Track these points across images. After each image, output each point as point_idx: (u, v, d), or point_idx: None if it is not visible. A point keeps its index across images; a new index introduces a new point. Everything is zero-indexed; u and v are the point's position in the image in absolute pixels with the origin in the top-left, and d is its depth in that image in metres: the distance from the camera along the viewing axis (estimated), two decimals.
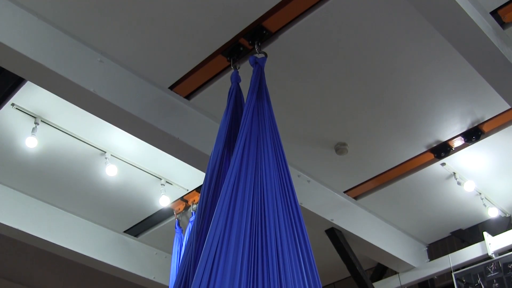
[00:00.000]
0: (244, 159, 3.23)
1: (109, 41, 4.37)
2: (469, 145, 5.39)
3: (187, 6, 4.08)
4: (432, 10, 3.73)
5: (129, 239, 6.69)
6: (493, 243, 6.08)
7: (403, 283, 6.74)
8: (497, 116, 5.13)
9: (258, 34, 4.22)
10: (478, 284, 6.00)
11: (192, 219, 5.88)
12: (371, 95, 4.88)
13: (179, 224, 6.18)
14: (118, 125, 4.67)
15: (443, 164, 5.63)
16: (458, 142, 5.37)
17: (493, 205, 6.21)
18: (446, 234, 6.79)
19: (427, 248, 6.95)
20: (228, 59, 4.39)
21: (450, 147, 5.41)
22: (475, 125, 5.20)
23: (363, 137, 5.31)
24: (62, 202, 6.10)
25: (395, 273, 6.86)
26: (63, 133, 5.25)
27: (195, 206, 6.08)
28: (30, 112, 5.03)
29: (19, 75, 4.33)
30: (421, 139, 5.35)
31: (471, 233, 6.56)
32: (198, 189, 5.97)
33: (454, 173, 5.75)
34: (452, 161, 5.62)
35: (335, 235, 5.90)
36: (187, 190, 6.08)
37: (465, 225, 6.61)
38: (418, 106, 4.98)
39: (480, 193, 6.06)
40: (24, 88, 4.74)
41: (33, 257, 7.51)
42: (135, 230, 6.63)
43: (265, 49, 4.20)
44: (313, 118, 5.11)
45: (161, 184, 5.92)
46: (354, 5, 4.10)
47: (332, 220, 5.80)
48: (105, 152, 5.50)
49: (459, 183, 5.78)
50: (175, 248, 5.96)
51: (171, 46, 4.40)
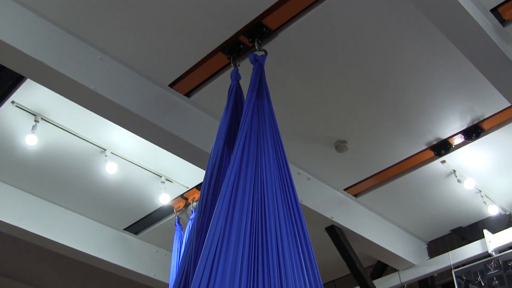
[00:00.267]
0: (244, 156, 3.23)
1: (109, 39, 4.37)
2: (469, 142, 5.39)
3: (187, 4, 4.08)
4: (433, 8, 3.73)
5: (129, 236, 6.69)
6: (493, 241, 6.08)
7: (403, 280, 6.75)
8: (497, 113, 5.13)
9: (258, 32, 4.21)
10: (478, 281, 6.00)
11: (192, 216, 5.88)
12: (371, 93, 4.88)
13: (179, 222, 6.18)
14: (118, 123, 4.67)
15: (443, 161, 5.63)
16: (458, 139, 5.37)
17: (493, 202, 6.21)
18: (446, 231, 6.79)
19: (427, 246, 6.95)
20: (228, 56, 4.38)
21: (450, 145, 5.41)
22: (475, 122, 5.20)
23: (363, 134, 5.31)
24: (62, 199, 6.10)
25: (395, 270, 6.86)
26: (63, 130, 5.25)
27: (195, 203, 6.08)
28: (30, 110, 5.03)
29: (19, 73, 4.33)
30: (421, 136, 5.35)
31: (471, 231, 6.56)
32: (198, 187, 5.97)
33: (454, 170, 5.75)
34: (452, 158, 5.62)
35: (335, 232, 5.90)
36: (187, 187, 6.08)
37: (465, 223, 6.62)
38: (418, 104, 4.98)
39: (480, 191, 6.06)
40: (24, 86, 4.74)
41: (33, 255, 7.51)
42: (135, 228, 6.63)
43: (265, 47, 4.20)
44: (313, 116, 5.11)
45: (161, 182, 5.92)
46: (354, 3, 4.10)
47: (332, 217, 5.80)
48: (105, 149, 5.50)
49: (459, 180, 5.78)
50: (175, 245, 5.96)
51: (171, 43, 4.40)
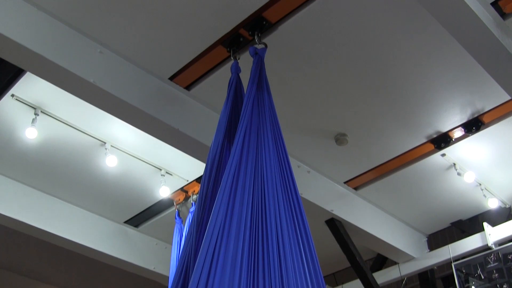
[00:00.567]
0: (244, 149, 3.23)
1: (109, 32, 4.36)
2: (469, 136, 5.39)
3: None
4: (433, 1, 3.72)
5: (129, 229, 6.69)
6: (493, 234, 6.09)
7: (403, 273, 6.76)
8: (497, 107, 5.12)
9: (258, 25, 4.21)
10: (478, 274, 6.01)
11: (192, 209, 5.88)
12: (371, 86, 4.87)
13: (179, 215, 6.18)
14: (118, 116, 4.66)
15: (443, 155, 5.63)
16: (458, 133, 5.37)
17: (493, 195, 6.22)
18: (446, 224, 6.80)
19: (427, 239, 6.96)
20: (228, 49, 4.38)
21: (450, 138, 5.41)
22: (475, 116, 5.20)
23: (363, 127, 5.31)
24: (62, 193, 6.10)
25: (395, 263, 6.87)
26: (63, 124, 5.25)
27: (195, 196, 6.09)
28: (30, 103, 5.03)
29: (18, 66, 4.32)
30: (421, 129, 5.35)
31: (471, 224, 6.56)
32: (198, 180, 5.97)
33: (454, 164, 5.75)
34: (452, 151, 5.62)
35: (335, 225, 5.90)
36: (187, 180, 6.08)
37: (465, 216, 6.62)
38: (418, 97, 4.98)
39: (480, 184, 6.07)
40: (23, 79, 4.73)
41: (34, 248, 7.52)
42: (135, 221, 6.64)
43: (265, 40, 4.20)
44: (313, 109, 5.10)
45: (161, 175, 5.92)
46: None
47: (332, 210, 5.80)
48: (105, 142, 5.50)
49: (459, 174, 5.78)
50: (175, 238, 5.96)
51: (170, 36, 4.39)
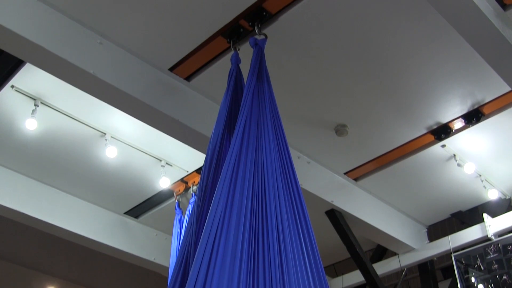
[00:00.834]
0: (244, 140, 3.22)
1: (109, 23, 4.35)
2: (469, 127, 5.38)
3: None
4: None
5: (129, 220, 6.70)
6: (492, 225, 6.09)
7: (403, 264, 6.77)
8: (497, 98, 5.11)
9: (258, 16, 4.20)
10: (478, 265, 6.02)
11: (192, 200, 5.89)
12: (372, 77, 4.87)
13: (179, 206, 6.19)
14: (117, 107, 4.66)
15: (443, 146, 5.63)
16: (458, 124, 5.36)
17: (493, 187, 6.22)
18: (446, 215, 6.81)
19: (427, 230, 6.97)
20: (228, 40, 4.37)
21: (451, 129, 5.40)
22: (476, 107, 5.19)
23: (364, 118, 5.30)
24: (62, 184, 6.11)
25: (394, 254, 6.88)
26: (63, 115, 5.25)
27: (195, 187, 6.09)
28: (30, 94, 5.02)
29: (18, 57, 4.30)
30: (421, 120, 5.34)
31: (471, 215, 6.57)
32: (198, 171, 5.97)
33: (454, 155, 5.75)
34: (452, 143, 5.61)
35: (335, 216, 5.91)
36: (187, 171, 6.08)
37: (465, 207, 6.63)
38: (418, 88, 4.97)
39: (480, 175, 6.07)
40: (23, 70, 4.72)
41: (34, 239, 7.54)
42: (136, 212, 6.65)
43: (265, 31, 4.18)
44: (313, 100, 5.10)
45: (161, 166, 5.92)
46: None
47: (332, 201, 5.81)
48: (105, 133, 5.50)
49: (459, 165, 5.78)
50: (176, 229, 5.97)
51: (170, 27, 4.38)
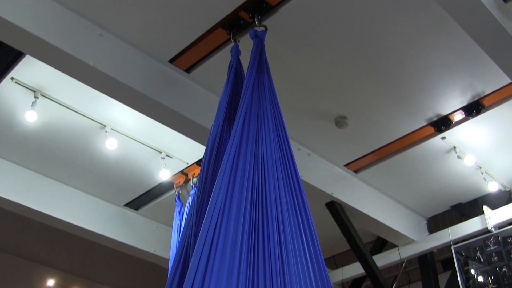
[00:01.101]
0: (244, 132, 3.22)
1: (109, 14, 4.34)
2: (469, 119, 5.38)
3: None
4: None
5: (129, 212, 6.71)
6: (492, 217, 6.10)
7: (403, 256, 6.78)
8: (498, 90, 5.11)
9: (258, 7, 4.19)
10: (478, 257, 6.03)
11: (192, 192, 5.89)
12: (372, 69, 4.86)
13: (179, 198, 6.20)
14: (117, 99, 4.66)
15: (443, 138, 5.63)
16: (458, 116, 5.36)
17: (493, 179, 6.22)
18: (446, 207, 6.82)
19: (426, 222, 6.98)
20: (228, 32, 4.37)
21: (451, 121, 5.40)
22: (476, 99, 5.19)
23: (364, 110, 5.30)
24: (62, 176, 6.11)
25: (394, 246, 6.90)
26: (63, 107, 5.24)
27: (195, 179, 6.09)
28: (30, 86, 5.02)
29: (18, 49, 4.30)
30: (421, 112, 5.34)
31: (471, 207, 6.58)
32: (198, 163, 5.97)
33: (455, 147, 5.75)
34: (452, 135, 5.61)
35: (335, 208, 5.92)
36: (187, 163, 6.08)
37: (465, 199, 6.63)
38: (419, 80, 4.96)
39: (480, 167, 6.07)
40: (23, 62, 4.72)
41: (34, 231, 7.55)
42: (136, 204, 6.65)
43: (265, 23, 4.18)
44: (313, 92, 5.09)
45: (161, 158, 5.92)
46: None
47: (332, 193, 5.81)
48: (105, 125, 5.49)
49: (459, 157, 5.78)
50: (176, 221, 5.98)
51: (171, 19, 4.38)
